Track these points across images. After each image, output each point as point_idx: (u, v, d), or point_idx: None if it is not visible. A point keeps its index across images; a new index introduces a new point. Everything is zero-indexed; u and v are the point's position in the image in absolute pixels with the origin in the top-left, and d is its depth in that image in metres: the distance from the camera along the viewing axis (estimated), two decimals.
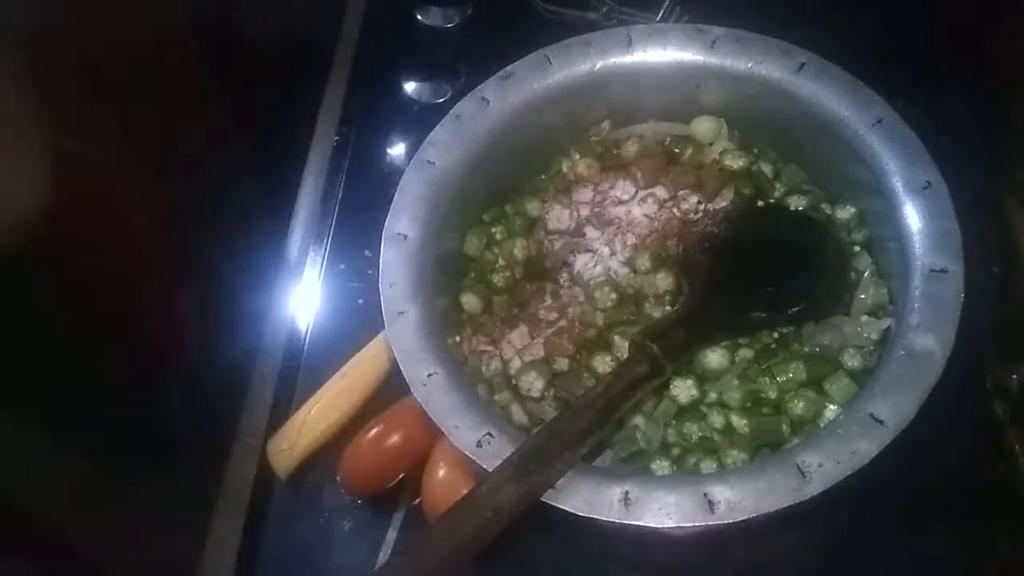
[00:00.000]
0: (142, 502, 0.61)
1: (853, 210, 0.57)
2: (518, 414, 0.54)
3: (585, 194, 0.60)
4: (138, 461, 0.59)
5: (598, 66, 0.59)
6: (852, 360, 0.52)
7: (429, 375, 0.49)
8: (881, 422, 0.44)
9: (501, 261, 0.60)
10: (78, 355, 0.51)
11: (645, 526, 0.43)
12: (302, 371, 0.68)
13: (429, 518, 0.58)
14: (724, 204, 0.59)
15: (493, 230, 0.61)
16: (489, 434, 0.46)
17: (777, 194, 0.60)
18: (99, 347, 0.52)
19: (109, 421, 0.56)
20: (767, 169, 0.60)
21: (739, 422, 0.51)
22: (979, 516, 0.57)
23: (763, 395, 0.52)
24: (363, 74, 0.80)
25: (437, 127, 0.57)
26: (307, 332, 0.70)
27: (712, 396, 0.52)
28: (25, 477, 0.47)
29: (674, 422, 0.52)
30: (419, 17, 0.83)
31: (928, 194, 0.51)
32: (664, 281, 0.56)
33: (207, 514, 0.64)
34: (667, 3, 0.78)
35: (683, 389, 0.52)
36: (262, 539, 0.62)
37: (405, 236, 0.54)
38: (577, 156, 0.62)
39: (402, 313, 0.51)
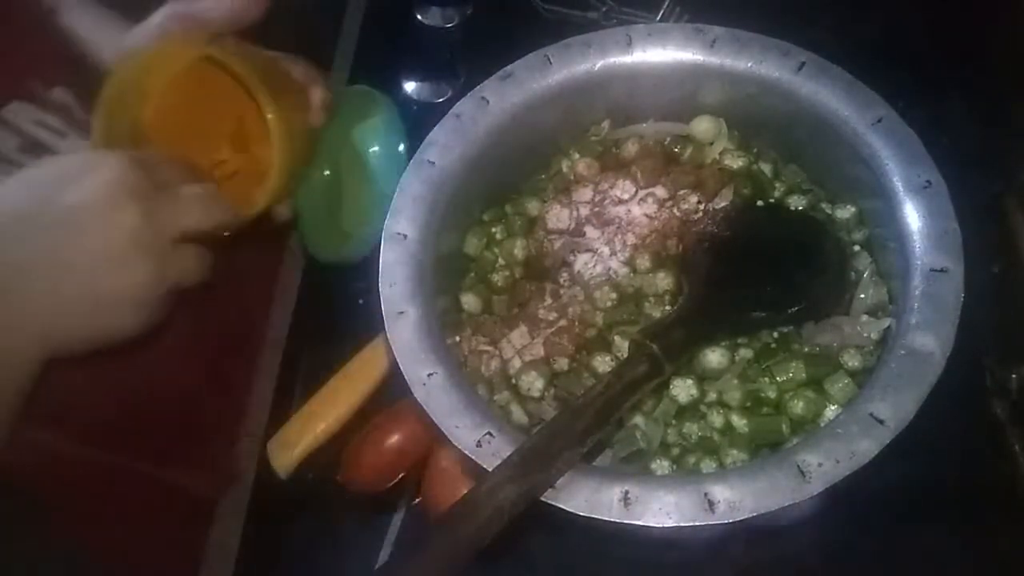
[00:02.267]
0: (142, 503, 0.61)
1: (853, 210, 0.57)
2: (518, 414, 0.54)
3: (585, 194, 0.60)
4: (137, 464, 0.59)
5: (598, 66, 0.59)
6: (852, 360, 0.52)
7: (429, 375, 0.49)
8: (881, 422, 0.44)
9: (501, 261, 0.60)
10: None
11: (645, 526, 0.43)
12: (302, 371, 0.68)
13: (429, 518, 0.58)
14: (724, 204, 0.59)
15: (493, 230, 0.61)
16: (489, 434, 0.46)
17: (777, 194, 0.60)
18: None
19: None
20: (767, 169, 0.60)
21: (739, 422, 0.51)
22: (979, 516, 0.57)
23: (763, 395, 0.52)
24: (363, 74, 0.80)
25: (437, 127, 0.57)
26: (307, 332, 0.70)
27: (712, 396, 0.52)
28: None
29: (674, 422, 0.52)
30: (419, 17, 0.83)
31: (928, 194, 0.51)
32: (664, 281, 0.56)
33: (207, 514, 0.64)
34: (667, 3, 0.78)
35: (683, 389, 0.52)
36: (262, 539, 0.62)
37: (405, 236, 0.54)
38: (577, 156, 0.62)
39: (402, 313, 0.51)
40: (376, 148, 0.64)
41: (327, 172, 0.65)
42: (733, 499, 0.43)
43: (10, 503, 0.49)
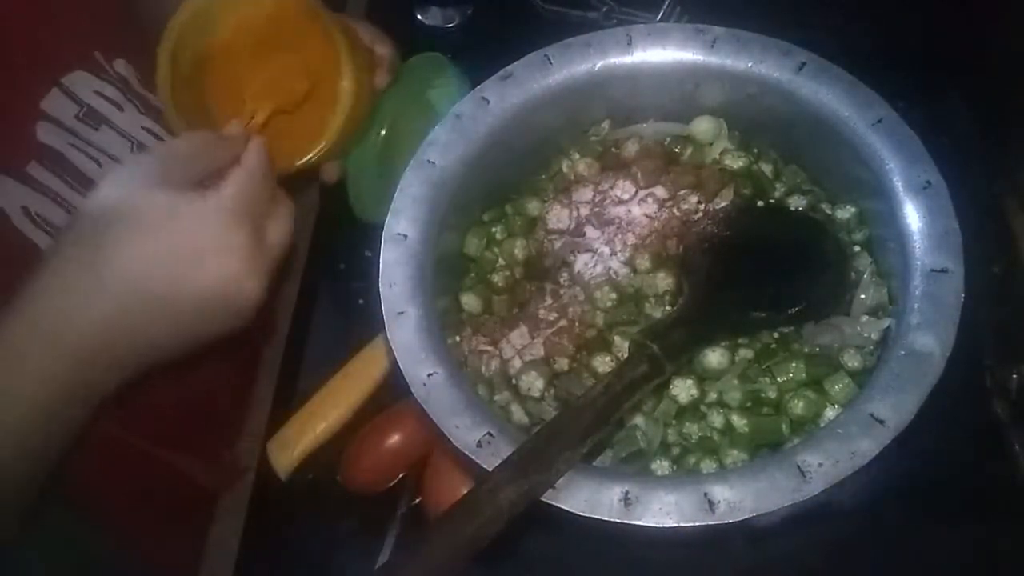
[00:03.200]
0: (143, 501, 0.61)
1: (853, 210, 0.57)
2: (518, 414, 0.54)
3: (585, 194, 0.60)
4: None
5: (598, 66, 0.59)
6: (852, 360, 0.52)
7: (429, 375, 0.49)
8: (881, 422, 0.44)
9: (501, 261, 0.60)
10: None
11: (645, 526, 0.43)
12: (302, 371, 0.68)
13: (429, 518, 0.58)
14: (724, 204, 0.59)
15: (493, 230, 0.61)
16: (489, 434, 0.46)
17: (777, 194, 0.60)
18: None
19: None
20: (767, 169, 0.60)
21: (739, 422, 0.51)
22: (979, 516, 0.57)
23: (763, 395, 0.52)
24: None
25: (437, 127, 0.57)
26: (307, 332, 0.70)
27: (712, 396, 0.52)
28: None
29: (674, 422, 0.52)
30: (419, 17, 0.83)
31: (928, 194, 0.51)
32: (664, 281, 0.56)
33: (208, 512, 0.65)
34: (667, 3, 0.78)
35: (683, 389, 0.52)
36: (262, 539, 0.62)
37: (405, 236, 0.54)
38: (577, 156, 0.62)
39: (402, 313, 0.51)
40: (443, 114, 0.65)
41: (383, 132, 0.65)
42: (733, 499, 0.43)
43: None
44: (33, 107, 0.53)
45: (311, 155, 0.59)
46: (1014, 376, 0.60)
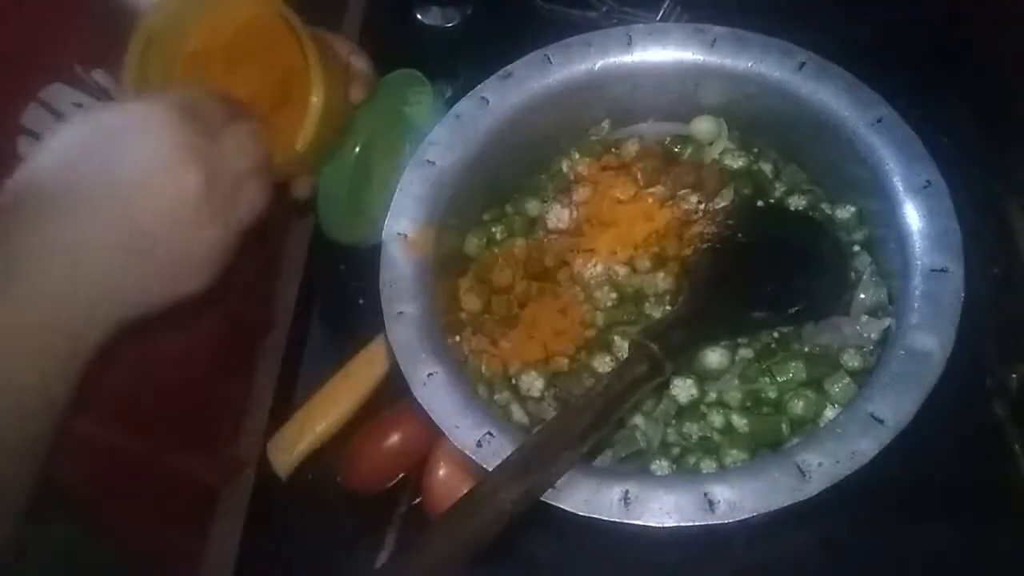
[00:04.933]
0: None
1: (853, 210, 0.57)
2: (518, 414, 0.54)
3: (585, 194, 0.60)
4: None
5: (598, 66, 0.59)
6: (852, 360, 0.52)
7: (429, 375, 0.49)
8: (881, 422, 0.44)
9: (501, 261, 0.60)
10: None
11: (645, 526, 0.43)
12: (302, 371, 0.68)
13: (429, 518, 0.58)
14: (724, 204, 0.59)
15: (493, 230, 0.61)
16: (489, 434, 0.46)
17: (777, 194, 0.60)
18: None
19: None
20: (767, 169, 0.60)
21: (739, 422, 0.51)
22: (979, 516, 0.57)
23: (763, 395, 0.52)
24: None
25: (437, 127, 0.58)
26: (307, 332, 0.70)
27: (712, 396, 0.52)
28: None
29: (674, 422, 0.52)
30: (419, 17, 0.83)
31: (928, 194, 0.51)
32: (664, 281, 0.56)
33: (209, 511, 0.64)
34: (667, 3, 0.78)
35: (683, 389, 0.52)
36: (262, 539, 0.62)
37: (405, 236, 0.54)
38: (577, 156, 0.62)
39: (402, 313, 0.51)
40: (420, 131, 0.63)
41: (357, 150, 0.64)
42: (733, 499, 0.43)
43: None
44: (13, 123, 0.53)
45: (279, 166, 0.57)
46: (1014, 376, 0.60)
